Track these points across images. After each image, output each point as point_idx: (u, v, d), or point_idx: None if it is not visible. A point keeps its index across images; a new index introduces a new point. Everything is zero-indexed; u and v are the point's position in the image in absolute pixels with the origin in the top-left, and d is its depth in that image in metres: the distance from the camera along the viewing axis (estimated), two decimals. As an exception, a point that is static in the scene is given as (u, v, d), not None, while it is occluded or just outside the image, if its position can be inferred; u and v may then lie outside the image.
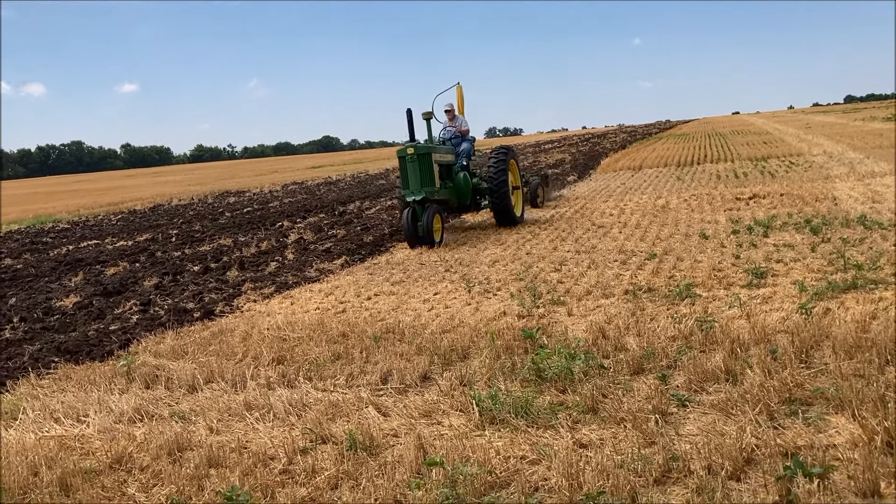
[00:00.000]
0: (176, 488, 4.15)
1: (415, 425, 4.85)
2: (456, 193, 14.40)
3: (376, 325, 7.70)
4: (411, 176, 13.17)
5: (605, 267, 9.84)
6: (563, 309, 7.75)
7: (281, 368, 6.32)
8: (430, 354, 6.29)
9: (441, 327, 7.34)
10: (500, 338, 6.47)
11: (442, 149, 14.16)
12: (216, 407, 5.52)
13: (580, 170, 30.38)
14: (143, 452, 4.74)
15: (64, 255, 16.51)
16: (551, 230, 14.03)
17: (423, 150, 13.26)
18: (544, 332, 6.65)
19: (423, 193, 13.06)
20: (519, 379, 5.48)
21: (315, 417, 5.02)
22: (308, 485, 4.09)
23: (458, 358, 6.26)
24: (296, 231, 17.08)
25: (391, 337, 7.09)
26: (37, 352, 7.84)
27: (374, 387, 5.74)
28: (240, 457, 4.53)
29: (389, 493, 3.80)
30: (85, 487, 4.22)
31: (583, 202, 18.33)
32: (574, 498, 3.62)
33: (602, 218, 15.08)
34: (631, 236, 12.29)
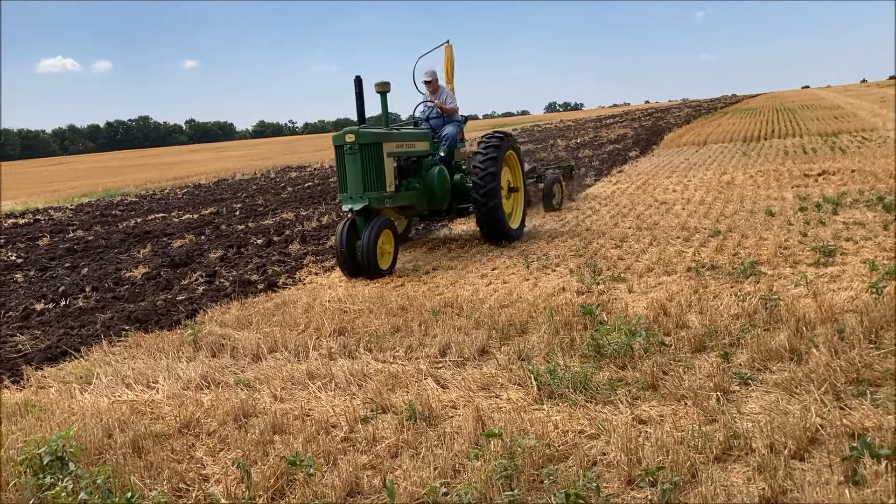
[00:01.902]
0: (242, 453, 4.28)
1: (473, 398, 4.89)
2: (426, 196, 10.58)
3: (434, 299, 7.75)
4: (350, 174, 9.18)
5: (667, 244, 9.70)
6: (623, 286, 7.68)
7: (342, 340, 6.44)
8: (488, 329, 6.32)
9: (499, 302, 7.36)
10: (559, 313, 6.45)
11: (404, 135, 10.22)
12: (280, 376, 5.65)
13: (642, 145, 29.86)
14: (210, 418, 4.89)
15: (132, 228, 17.02)
16: (612, 206, 13.87)
17: (367, 139, 9.23)
18: (604, 308, 6.61)
19: (365, 200, 9.11)
20: (578, 354, 5.47)
21: (375, 388, 5.11)
22: (369, 452, 4.17)
23: (516, 333, 6.27)
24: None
25: (449, 311, 7.14)
26: (108, 320, 8.13)
27: (433, 359, 5.80)
28: (303, 424, 4.64)
29: (448, 463, 3.85)
30: (156, 450, 4.39)
31: (645, 178, 18.04)
32: (632, 472, 3.61)
33: (665, 194, 14.83)
34: (694, 213, 12.07)
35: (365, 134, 9.27)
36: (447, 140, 11.18)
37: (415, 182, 10.46)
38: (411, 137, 10.40)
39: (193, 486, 3.95)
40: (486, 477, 3.53)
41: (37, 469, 3.94)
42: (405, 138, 10.20)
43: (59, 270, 12.00)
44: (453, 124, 11.46)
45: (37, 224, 19.92)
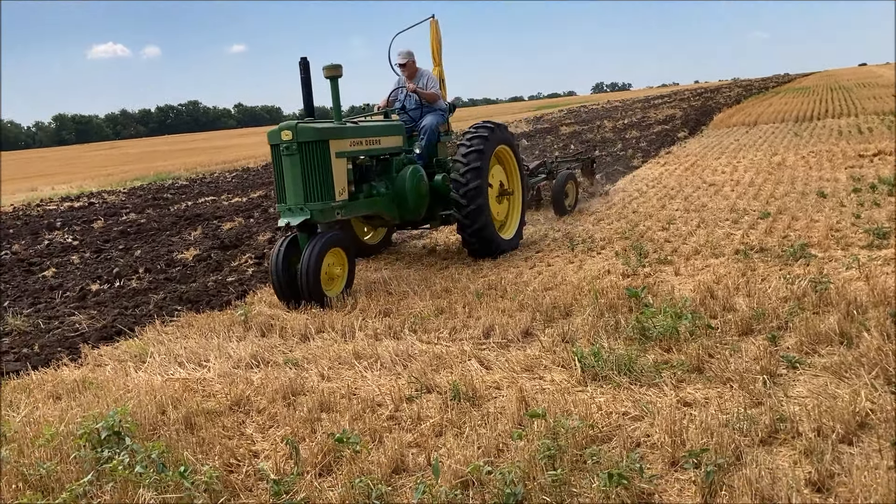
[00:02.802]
0: (290, 430, 4.39)
1: (517, 379, 4.92)
2: (396, 202, 8.63)
3: (478, 281, 7.79)
4: (287, 180, 7.42)
5: (715, 226, 9.57)
6: (669, 268, 7.61)
7: (387, 321, 6.52)
8: (532, 311, 6.33)
9: (543, 285, 7.36)
10: (604, 296, 6.43)
11: (362, 129, 8.24)
12: (327, 355, 5.76)
13: (691, 126, 29.37)
14: (259, 396, 5.01)
15: (183, 211, 17.37)
16: (659, 188, 13.71)
17: (308, 135, 7.36)
18: (650, 291, 6.57)
19: (305, 212, 7.34)
20: (622, 337, 5.46)
21: (420, 368, 5.17)
22: (414, 431, 4.24)
23: (560, 315, 6.27)
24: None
25: (493, 293, 7.17)
26: (161, 300, 8.34)
27: (477, 341, 5.85)
28: (349, 402, 4.73)
29: (492, 442, 3.90)
30: (207, 426, 4.52)
31: (693, 159, 17.77)
32: (676, 454, 3.61)
33: (713, 175, 14.60)
34: (743, 195, 11.87)
35: (305, 130, 7.35)
36: (425, 133, 9.22)
37: (380, 186, 8.50)
38: (374, 132, 8.36)
39: (244, 461, 4.06)
40: (530, 456, 3.57)
41: (95, 443, 4.11)
42: (364, 133, 8.18)
43: (114, 252, 12.32)
44: (434, 114, 9.43)
45: (91, 207, 20.44)
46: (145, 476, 3.67)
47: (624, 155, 20.42)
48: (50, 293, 9.42)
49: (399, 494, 3.53)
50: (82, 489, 3.65)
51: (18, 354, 6.69)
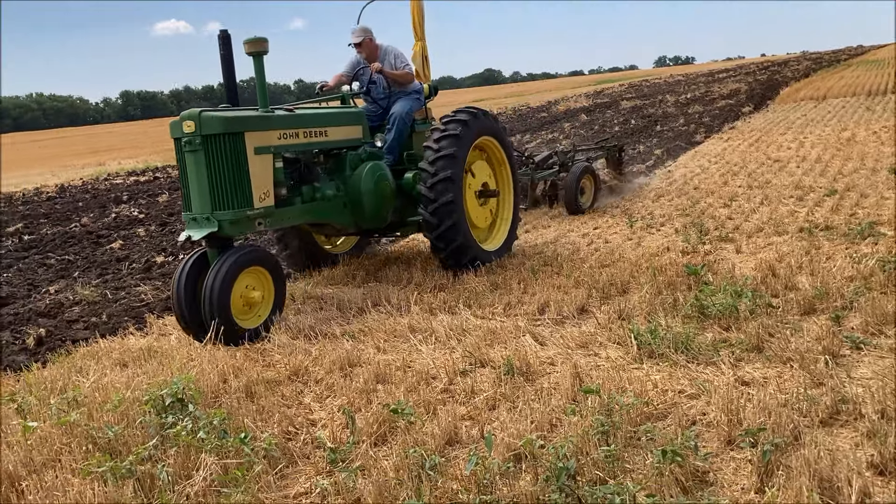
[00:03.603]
0: (347, 400, 4.47)
1: (571, 355, 4.91)
2: (349, 208, 7.14)
3: (534, 257, 7.76)
4: (192, 183, 6.00)
5: (779, 203, 9.33)
6: (730, 246, 7.47)
7: (442, 296, 6.55)
8: (588, 288, 6.29)
9: (600, 261, 7.30)
10: (662, 273, 6.35)
11: (298, 118, 6.67)
12: (383, 328, 5.83)
13: (756, 100, 28.57)
14: (317, 367, 5.11)
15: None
16: (722, 164, 13.41)
17: (214, 127, 5.88)
18: (709, 268, 6.46)
19: (212, 223, 5.92)
20: (680, 315, 5.38)
21: (474, 342, 5.20)
22: (467, 404, 4.28)
23: (616, 292, 6.22)
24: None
25: (549, 270, 7.14)
26: (223, 273, 8.52)
27: (532, 317, 5.84)
28: (404, 374, 4.79)
29: (545, 417, 3.91)
30: (267, 395, 4.64)
31: (758, 135, 17.30)
32: (733, 433, 3.57)
33: (778, 151, 14.21)
34: (810, 171, 11.53)
35: (210, 120, 5.86)
36: (394, 123, 7.67)
37: (327, 188, 6.95)
38: (318, 121, 6.83)
39: (302, 429, 4.16)
40: (583, 432, 3.57)
41: (159, 409, 4.25)
42: (302, 123, 6.64)
43: (178, 225, 12.64)
44: (407, 99, 7.83)
45: (156, 181, 20.97)
46: (207, 441, 3.79)
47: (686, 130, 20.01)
48: (117, 265, 9.75)
49: (452, 465, 3.57)
50: (147, 453, 3.79)
51: (88, 323, 6.95)
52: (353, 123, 7.26)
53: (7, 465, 3.76)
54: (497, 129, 7.93)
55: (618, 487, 2.92)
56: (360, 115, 7.41)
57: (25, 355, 6.12)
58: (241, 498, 3.28)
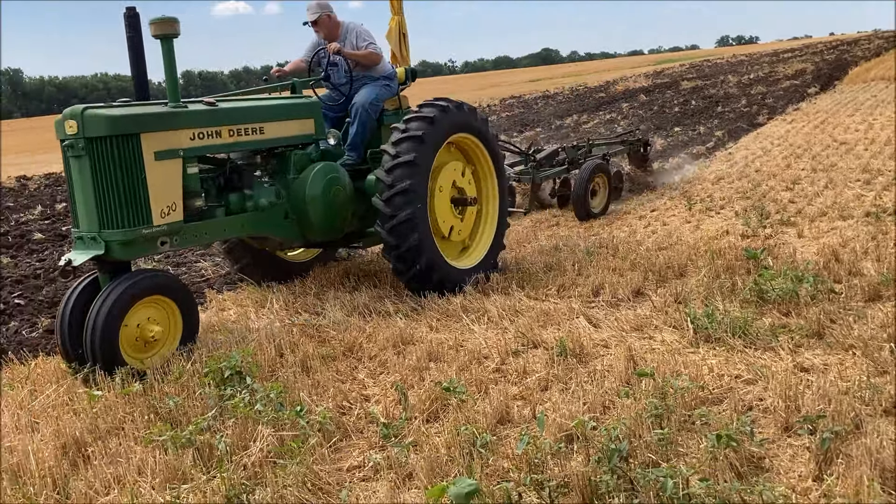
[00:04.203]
0: (400, 377, 4.52)
1: (625, 338, 4.87)
2: (290, 218, 6.11)
3: (589, 239, 7.70)
4: (77, 196, 5.06)
5: (844, 186, 9.06)
6: (792, 230, 7.29)
7: (495, 276, 6.55)
8: (643, 270, 6.22)
9: (657, 244, 7.20)
10: (721, 257, 6.23)
11: (223, 114, 5.59)
12: (435, 308, 5.86)
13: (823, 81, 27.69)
14: (371, 343, 5.17)
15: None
16: (785, 146, 13.06)
17: (101, 127, 4.87)
18: (770, 253, 6.31)
19: (99, 244, 4.98)
20: (738, 299, 5.28)
21: (527, 323, 5.19)
22: (519, 384, 4.28)
23: (673, 275, 6.14)
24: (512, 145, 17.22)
25: (604, 252, 7.08)
26: (280, 250, 8.64)
27: (586, 299, 5.80)
28: (456, 353, 4.81)
29: (598, 399, 3.89)
30: (322, 370, 4.72)
31: (824, 116, 16.78)
32: (790, 419, 3.50)
33: (845, 134, 13.76)
34: (878, 154, 11.15)
35: (95, 119, 4.86)
36: (356, 114, 6.58)
37: (261, 196, 5.88)
38: (249, 116, 5.74)
39: (355, 404, 4.22)
40: (636, 415, 3.54)
41: (218, 381, 4.37)
42: (228, 119, 5.58)
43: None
44: (372, 86, 6.73)
45: (217, 160, 21.36)
46: (264, 414, 3.88)
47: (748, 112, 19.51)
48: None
49: (503, 444, 3.58)
50: (206, 423, 3.90)
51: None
52: (299, 117, 6.12)
53: (74, 431, 3.91)
54: (478, 124, 6.64)
55: (670, 471, 2.89)
56: (310, 106, 6.24)
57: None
58: (296, 469, 3.36)
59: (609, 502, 2.89)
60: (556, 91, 38.58)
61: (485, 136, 6.73)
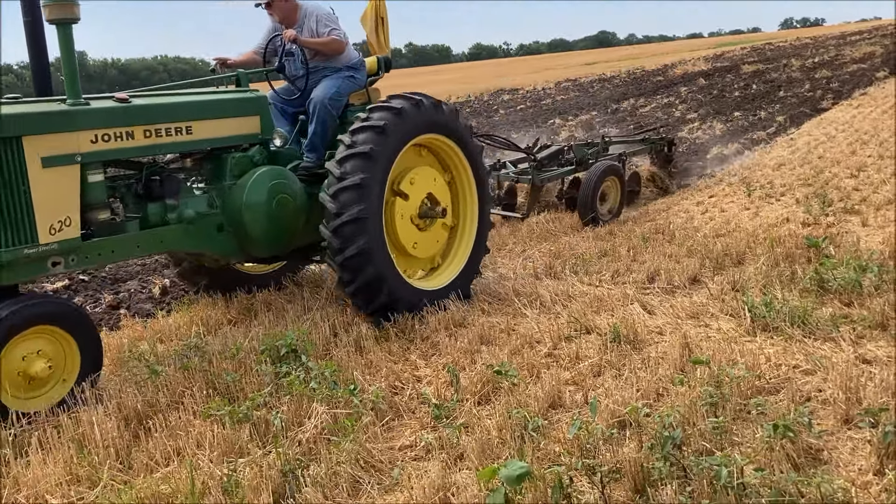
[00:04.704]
0: (451, 359, 4.54)
1: (680, 325, 4.81)
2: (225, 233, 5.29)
3: (645, 224, 7.60)
4: None
5: (912, 174, 8.75)
6: (856, 218, 7.08)
7: (547, 260, 6.52)
8: (700, 257, 6.12)
9: (715, 231, 7.08)
10: (781, 245, 6.10)
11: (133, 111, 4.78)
12: (487, 291, 5.87)
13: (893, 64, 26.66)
14: (423, 325, 5.18)
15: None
16: (850, 132, 12.66)
17: None
18: (832, 241, 6.15)
19: None
20: (798, 288, 5.17)
21: (580, 308, 5.16)
22: (572, 369, 4.26)
23: (731, 263, 6.03)
24: (567, 128, 17.08)
25: (660, 238, 6.99)
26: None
27: (640, 285, 5.74)
28: (508, 337, 4.82)
29: (651, 386, 3.85)
30: (375, 350, 4.76)
31: (892, 101, 16.20)
32: (850, 411, 3.41)
33: (915, 119, 13.27)
34: (950, 141, 10.73)
35: None
36: (313, 111, 5.74)
37: (189, 206, 5.07)
38: (171, 114, 4.95)
39: (408, 385, 4.26)
40: (691, 402, 3.50)
41: (274, 359, 4.46)
42: (143, 118, 4.79)
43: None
44: (334, 77, 5.87)
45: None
46: (318, 391, 3.95)
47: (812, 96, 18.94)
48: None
49: (555, 428, 3.58)
50: (262, 399, 3.98)
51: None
52: (240, 114, 5.32)
53: (136, 404, 4.03)
54: (457, 127, 5.74)
55: (725, 459, 2.85)
56: (255, 101, 5.42)
57: (151, 304, 6.51)
58: (349, 447, 3.41)
59: (661, 489, 2.87)
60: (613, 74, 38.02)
61: (465, 142, 5.80)
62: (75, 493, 3.34)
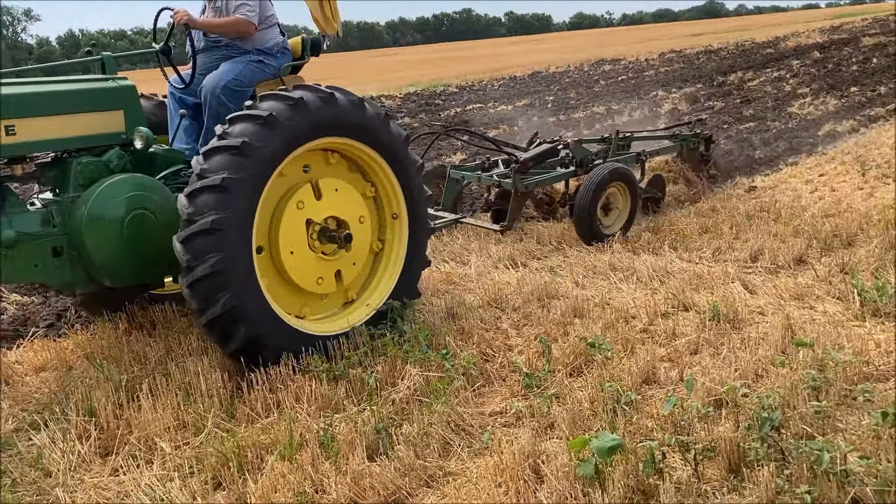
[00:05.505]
0: (543, 329, 4.53)
1: (783, 306, 4.65)
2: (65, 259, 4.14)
3: (749, 202, 7.34)
4: None
5: None
6: (982, 201, 6.63)
7: (647, 236, 6.40)
8: (808, 238, 5.88)
9: (823, 211, 6.77)
10: (896, 227, 5.79)
11: None
12: (582, 264, 5.81)
13: None
14: (515, 295, 5.21)
15: (453, 117, 18.05)
16: (979, 111, 11.83)
17: None
18: (954, 225, 5.79)
19: None
20: (913, 273, 4.90)
21: (678, 285, 5.05)
22: (668, 346, 4.19)
23: (840, 245, 5.77)
24: (670, 101, 16.58)
25: (765, 216, 6.74)
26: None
27: (742, 263, 5.58)
28: (602, 311, 4.76)
29: (750, 366, 3.75)
30: (467, 316, 4.80)
31: None
32: (968, 405, 3.24)
33: None
34: None
35: None
36: (206, 103, 4.80)
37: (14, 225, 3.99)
38: None
39: (499, 353, 4.29)
40: (792, 385, 3.39)
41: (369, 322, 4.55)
42: None
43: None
44: (233, 62, 4.88)
45: (371, 110, 21.90)
46: (411, 354, 4.02)
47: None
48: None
49: (648, 404, 3.54)
50: (358, 358, 4.09)
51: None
52: (91, 108, 4.33)
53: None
54: (382, 133, 4.55)
55: (827, 444, 2.76)
56: (114, 93, 4.40)
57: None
58: (441, 409, 3.47)
59: (757, 470, 2.80)
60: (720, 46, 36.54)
61: (393, 154, 4.62)
62: (181, 437, 3.53)
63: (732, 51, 33.53)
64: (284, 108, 4.08)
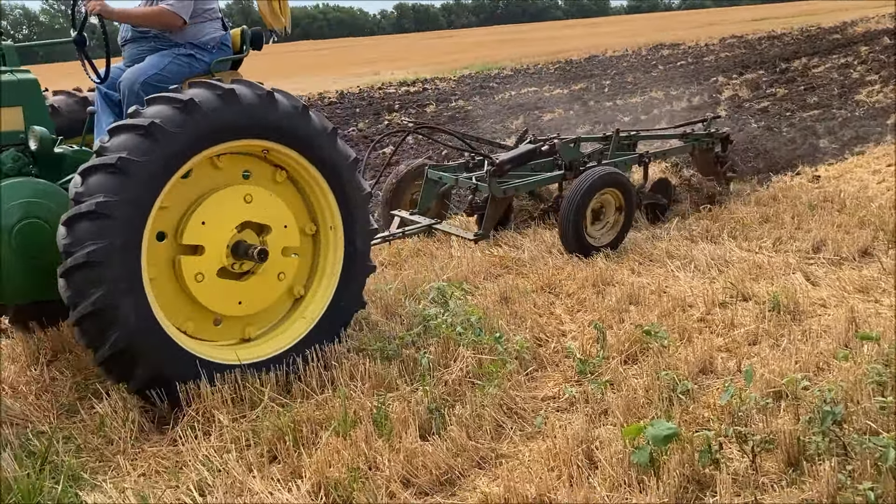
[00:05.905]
0: (598, 316, 4.50)
1: (847, 298, 4.53)
2: None
3: (812, 191, 7.15)
4: None
5: None
6: None
7: (705, 223, 6.28)
8: (874, 229, 5.71)
9: (891, 202, 6.55)
10: (970, 220, 5.58)
11: None
12: (638, 251, 5.74)
13: None
14: (569, 281, 5.17)
15: (507, 100, 17.95)
16: None
17: None
18: None
19: None
20: None
21: (737, 274, 4.96)
22: (725, 336, 4.12)
23: (908, 237, 5.58)
24: (730, 87, 16.21)
25: (828, 206, 6.55)
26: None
27: (804, 254, 5.44)
28: (658, 299, 4.70)
29: (811, 359, 3.67)
30: (521, 301, 4.79)
31: None
32: None
33: None
34: None
35: None
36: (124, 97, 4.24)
37: None
38: None
39: (552, 338, 4.27)
40: (855, 379, 3.30)
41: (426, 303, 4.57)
42: None
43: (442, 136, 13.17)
44: (158, 56, 4.32)
45: (424, 93, 21.91)
46: (464, 336, 4.03)
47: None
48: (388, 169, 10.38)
49: (705, 393, 3.49)
50: (411, 339, 4.11)
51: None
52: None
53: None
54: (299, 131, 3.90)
55: (892, 441, 2.68)
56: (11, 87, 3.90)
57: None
58: (493, 391, 3.47)
59: (818, 465, 2.74)
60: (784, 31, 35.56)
61: (316, 152, 3.98)
62: (238, 411, 3.60)
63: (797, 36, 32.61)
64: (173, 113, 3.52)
